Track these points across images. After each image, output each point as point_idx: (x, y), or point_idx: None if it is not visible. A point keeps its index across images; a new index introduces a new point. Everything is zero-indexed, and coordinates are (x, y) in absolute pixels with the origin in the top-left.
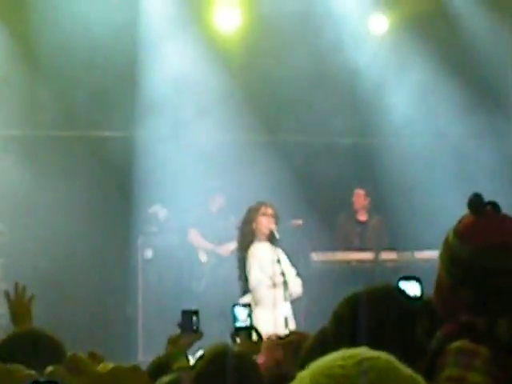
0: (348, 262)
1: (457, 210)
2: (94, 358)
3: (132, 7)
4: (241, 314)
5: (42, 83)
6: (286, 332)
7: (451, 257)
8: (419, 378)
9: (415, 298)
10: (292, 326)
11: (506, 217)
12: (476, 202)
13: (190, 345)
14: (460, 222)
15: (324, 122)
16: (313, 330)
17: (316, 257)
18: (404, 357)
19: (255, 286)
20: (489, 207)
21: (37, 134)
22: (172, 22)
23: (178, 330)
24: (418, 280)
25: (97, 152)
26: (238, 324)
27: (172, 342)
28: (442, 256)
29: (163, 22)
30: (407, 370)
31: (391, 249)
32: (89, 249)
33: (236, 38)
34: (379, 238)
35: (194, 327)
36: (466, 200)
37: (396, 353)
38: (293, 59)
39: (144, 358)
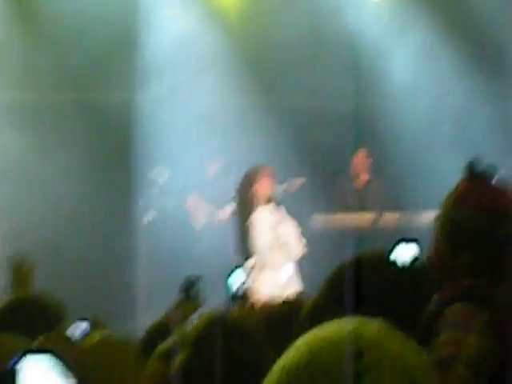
0: (349, 225)
1: (458, 172)
2: (97, 324)
3: None
4: (238, 278)
5: (41, 46)
6: (290, 294)
7: (449, 221)
8: (413, 343)
9: (413, 262)
10: (297, 287)
11: (502, 181)
12: (473, 167)
13: (191, 312)
14: (457, 186)
15: (323, 84)
16: (314, 292)
17: (316, 219)
18: (400, 321)
19: (264, 248)
20: (486, 172)
21: (36, 96)
22: None
23: (178, 295)
24: (416, 242)
25: (97, 115)
26: (235, 288)
27: (174, 308)
28: (439, 220)
29: None
30: (401, 337)
31: (393, 210)
32: (90, 212)
33: (237, 1)
34: (380, 199)
35: (196, 294)
36: (466, 162)
37: (392, 318)
38: (293, 21)
39: (143, 321)
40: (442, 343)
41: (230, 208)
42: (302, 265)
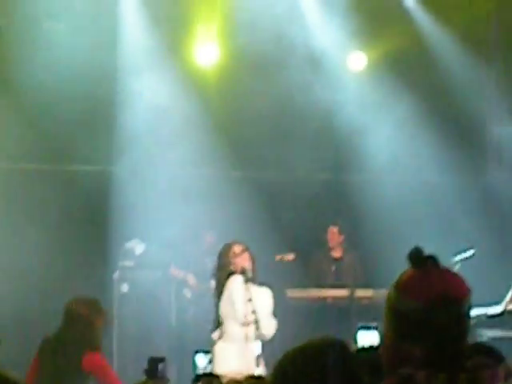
0: (323, 299)
1: (433, 248)
2: None
3: (111, 40)
4: (201, 360)
5: (16, 115)
6: (257, 371)
7: (392, 310)
8: None
9: (371, 348)
10: (261, 365)
11: (445, 270)
12: (416, 256)
13: None
14: (401, 275)
15: (300, 157)
16: None
17: (291, 294)
18: None
19: (223, 318)
20: (429, 261)
21: (10, 166)
22: (150, 55)
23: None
24: (377, 329)
25: (73, 186)
26: (198, 371)
27: None
28: (385, 309)
29: (142, 56)
30: None
31: (367, 286)
32: (64, 284)
33: (213, 72)
34: (354, 274)
35: (160, 374)
36: (443, 239)
37: None
38: (269, 95)
39: None
40: None
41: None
42: (275, 339)
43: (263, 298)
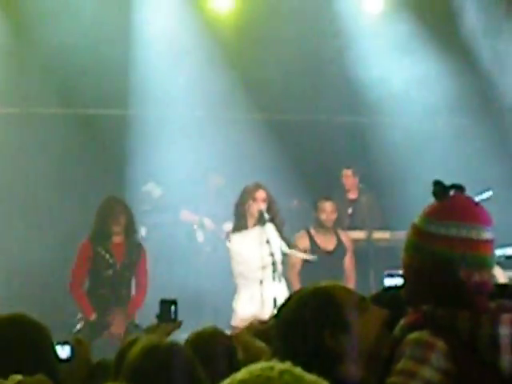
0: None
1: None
2: (80, 343)
3: None
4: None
5: (34, 59)
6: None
7: (414, 242)
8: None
9: (396, 287)
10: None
11: (469, 199)
12: (439, 189)
13: (167, 334)
14: (427, 207)
15: (317, 101)
16: None
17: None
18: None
19: (235, 275)
20: (453, 190)
21: (28, 110)
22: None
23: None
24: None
25: (90, 130)
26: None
27: (150, 331)
28: (409, 242)
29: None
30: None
31: (384, 228)
32: (82, 229)
33: (231, 17)
34: (371, 215)
35: (172, 316)
36: (460, 181)
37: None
38: (287, 39)
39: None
40: (398, 371)
41: (228, 224)
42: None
43: (278, 242)
